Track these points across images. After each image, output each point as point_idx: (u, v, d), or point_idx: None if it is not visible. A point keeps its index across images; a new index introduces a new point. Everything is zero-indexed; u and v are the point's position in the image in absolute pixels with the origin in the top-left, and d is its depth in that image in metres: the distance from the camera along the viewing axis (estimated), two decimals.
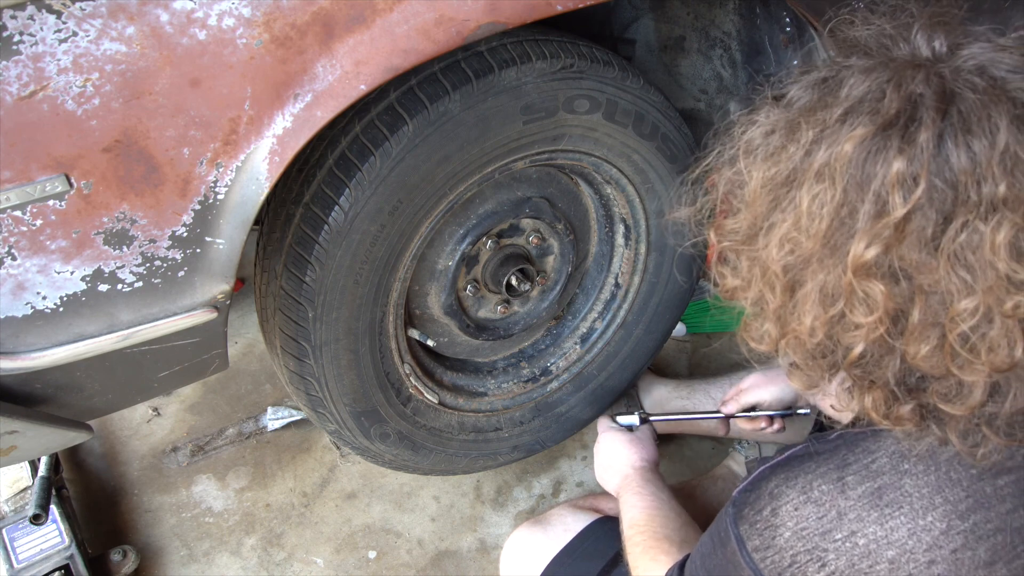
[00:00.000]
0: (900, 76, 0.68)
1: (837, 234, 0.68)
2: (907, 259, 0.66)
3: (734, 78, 1.62)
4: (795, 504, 0.79)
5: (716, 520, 0.92)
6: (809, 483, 0.80)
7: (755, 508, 0.83)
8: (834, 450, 0.81)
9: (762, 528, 0.81)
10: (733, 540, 0.84)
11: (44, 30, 0.85)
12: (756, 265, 0.76)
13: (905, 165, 0.65)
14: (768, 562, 0.80)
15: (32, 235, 0.95)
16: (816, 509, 0.78)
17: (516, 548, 1.35)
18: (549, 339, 1.74)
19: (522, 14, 1.10)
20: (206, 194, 1.02)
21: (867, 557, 0.75)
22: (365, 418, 1.44)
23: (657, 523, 1.17)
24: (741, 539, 0.83)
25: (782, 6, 1.41)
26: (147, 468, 1.93)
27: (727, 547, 0.85)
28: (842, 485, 0.78)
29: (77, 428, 1.19)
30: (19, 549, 1.60)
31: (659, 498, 1.23)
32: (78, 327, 1.05)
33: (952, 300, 0.66)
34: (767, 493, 0.82)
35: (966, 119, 0.65)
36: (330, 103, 1.03)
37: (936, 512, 0.74)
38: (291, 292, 1.25)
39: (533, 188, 1.49)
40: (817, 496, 0.78)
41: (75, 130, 0.91)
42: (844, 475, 0.78)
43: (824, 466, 0.80)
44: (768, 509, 0.81)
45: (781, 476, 0.82)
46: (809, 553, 0.78)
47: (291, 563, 1.73)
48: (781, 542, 0.79)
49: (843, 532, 0.76)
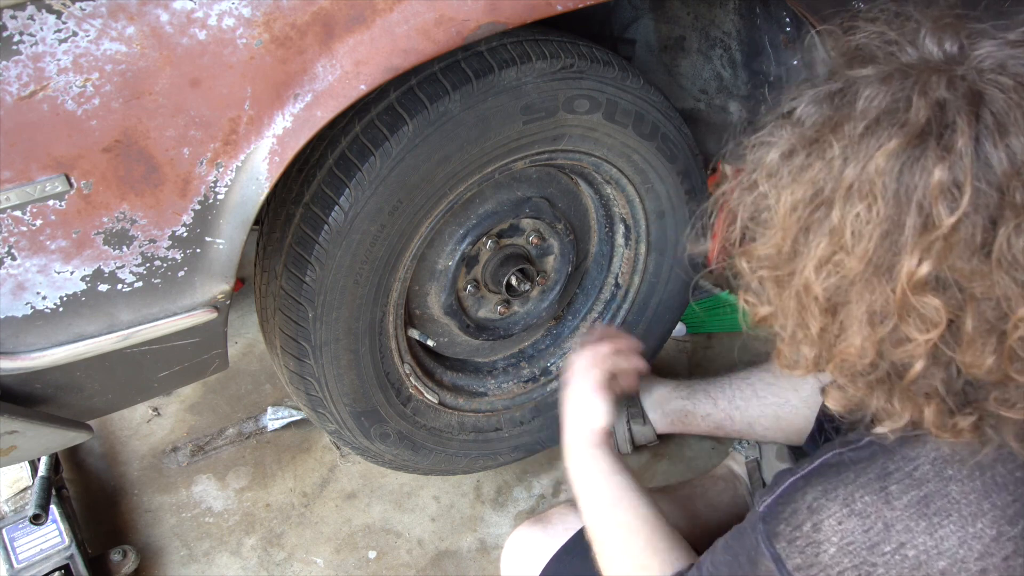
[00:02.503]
0: (922, 82, 0.66)
1: (883, 251, 0.66)
2: (958, 268, 0.65)
3: (734, 78, 1.62)
4: (838, 518, 0.76)
5: (738, 534, 0.87)
6: (851, 494, 0.76)
7: (792, 524, 0.78)
8: (871, 458, 0.77)
9: (803, 545, 0.77)
10: (769, 559, 0.79)
11: (44, 30, 0.85)
12: (789, 290, 0.74)
13: (947, 173, 0.63)
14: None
15: (32, 235, 0.95)
16: (861, 522, 0.75)
17: (516, 547, 1.35)
18: (549, 339, 1.74)
19: (522, 14, 1.10)
20: (206, 194, 1.02)
21: (918, 569, 0.72)
22: (365, 418, 1.44)
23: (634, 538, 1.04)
24: (779, 558, 0.78)
25: (782, 6, 1.41)
26: (147, 468, 1.93)
27: (759, 566, 0.81)
28: (886, 495, 0.74)
29: (77, 428, 1.19)
30: (19, 549, 1.60)
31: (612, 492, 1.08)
32: (78, 327, 1.05)
33: (1010, 305, 0.64)
34: (805, 507, 0.78)
35: (1000, 119, 0.63)
36: (330, 103, 1.03)
37: (985, 519, 0.71)
38: (291, 292, 1.25)
39: (533, 188, 1.49)
40: (861, 508, 0.75)
41: (75, 130, 0.91)
42: (887, 484, 0.75)
43: (864, 476, 0.76)
44: (809, 524, 0.77)
45: (819, 488, 0.78)
46: (857, 569, 0.74)
47: (291, 563, 1.73)
48: (826, 559, 0.76)
49: (892, 544, 0.73)
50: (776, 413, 1.60)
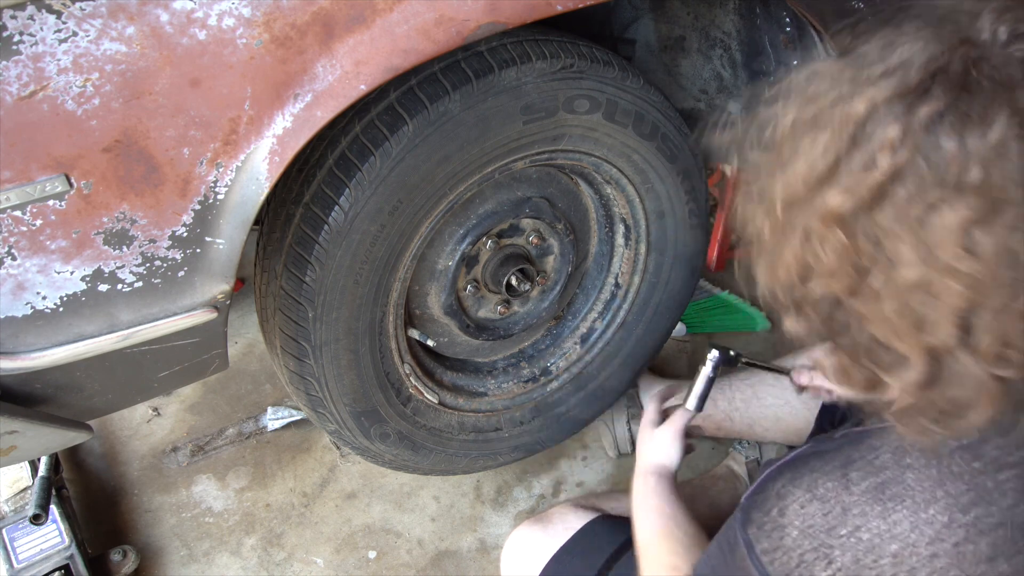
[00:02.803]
0: (943, 50, 0.67)
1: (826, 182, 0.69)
2: (879, 224, 0.67)
3: (734, 78, 1.62)
4: (801, 503, 0.79)
5: (724, 527, 0.92)
6: (814, 481, 0.80)
7: (762, 510, 0.82)
8: (839, 448, 0.81)
9: (770, 529, 0.81)
10: (742, 544, 0.83)
11: (44, 30, 0.85)
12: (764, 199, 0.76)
13: (898, 133, 0.65)
14: (777, 564, 0.80)
15: (32, 235, 0.95)
16: (821, 506, 0.78)
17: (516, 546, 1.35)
18: (549, 339, 1.74)
19: (522, 14, 1.10)
20: (206, 194, 1.02)
21: (871, 552, 0.75)
22: (365, 418, 1.44)
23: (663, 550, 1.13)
24: (750, 543, 0.82)
25: (782, 6, 1.41)
26: (147, 468, 1.93)
27: (736, 552, 0.85)
28: (846, 481, 0.78)
29: (77, 428, 1.19)
30: (19, 549, 1.60)
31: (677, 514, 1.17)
32: (78, 327, 1.05)
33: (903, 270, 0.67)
34: (774, 494, 0.82)
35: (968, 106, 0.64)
36: (330, 103, 1.03)
37: (938, 505, 0.74)
38: (291, 292, 1.25)
39: (533, 188, 1.49)
40: (822, 493, 0.78)
41: (75, 130, 0.91)
42: (848, 471, 0.78)
43: (830, 464, 0.80)
44: (776, 510, 0.81)
45: (787, 476, 0.82)
46: (816, 551, 0.78)
47: (291, 563, 1.73)
48: (789, 542, 0.79)
49: (847, 528, 0.76)
50: (776, 414, 1.60)
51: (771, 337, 2.17)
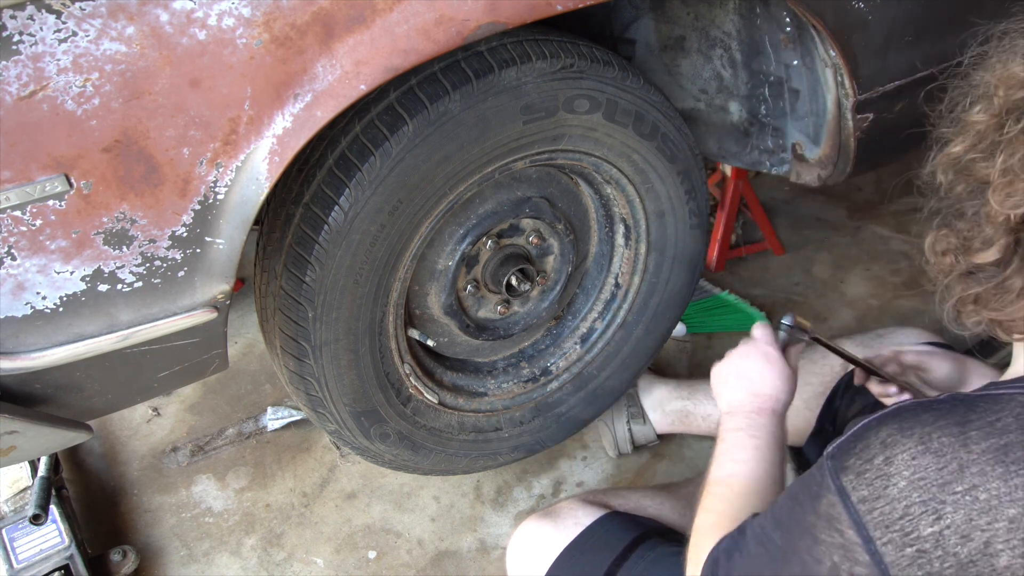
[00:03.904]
0: None
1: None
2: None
3: (734, 78, 1.62)
4: (912, 453, 0.76)
5: (802, 480, 0.87)
6: (928, 434, 0.77)
7: (863, 457, 0.79)
8: (951, 408, 0.79)
9: (872, 478, 0.77)
10: (833, 492, 0.80)
11: (44, 30, 0.85)
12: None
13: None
14: (876, 513, 0.77)
15: (32, 235, 0.95)
16: (936, 460, 0.75)
17: (525, 540, 1.35)
18: (549, 339, 1.74)
19: (522, 14, 1.10)
20: (206, 194, 1.02)
21: (987, 513, 0.73)
22: (365, 418, 1.44)
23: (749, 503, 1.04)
24: (844, 490, 0.79)
25: (782, 6, 1.41)
26: (147, 468, 1.93)
27: (820, 501, 0.81)
28: (965, 439, 0.75)
29: (77, 428, 1.19)
30: (19, 549, 1.60)
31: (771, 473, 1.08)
32: (78, 327, 1.05)
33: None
34: (879, 442, 0.79)
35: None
36: (330, 103, 1.03)
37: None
38: (291, 292, 1.25)
39: (533, 188, 1.49)
40: (937, 447, 0.76)
41: (75, 130, 0.91)
42: (967, 430, 0.76)
43: (944, 419, 0.78)
44: (881, 457, 0.78)
45: (894, 426, 0.79)
46: (924, 504, 0.75)
47: (291, 563, 1.73)
48: (894, 492, 0.76)
49: (964, 485, 0.74)
50: None
51: None
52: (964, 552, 0.73)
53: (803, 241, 2.49)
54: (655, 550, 1.23)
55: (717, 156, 1.80)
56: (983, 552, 0.73)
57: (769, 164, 1.69)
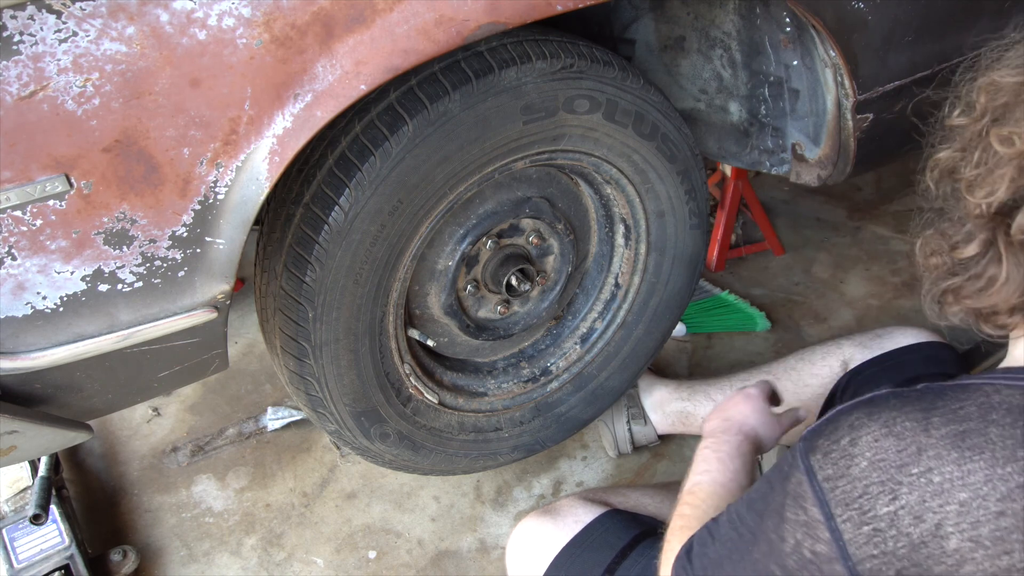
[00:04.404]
0: None
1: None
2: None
3: (734, 78, 1.63)
4: (875, 436, 0.80)
5: (775, 465, 0.91)
6: (892, 419, 0.80)
7: (831, 439, 0.82)
8: (920, 396, 0.82)
9: (837, 457, 0.81)
10: (801, 471, 0.83)
11: (44, 30, 0.85)
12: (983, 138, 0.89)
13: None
14: (838, 491, 0.80)
15: (32, 235, 0.95)
16: (897, 442, 0.78)
17: (524, 537, 1.35)
18: (549, 339, 1.74)
19: (522, 14, 1.11)
20: (206, 194, 1.02)
21: (939, 495, 0.75)
22: (365, 418, 1.44)
23: (712, 505, 1.11)
24: (811, 469, 0.82)
25: (782, 6, 1.41)
26: (147, 468, 1.93)
27: (789, 480, 0.84)
28: (926, 424, 0.78)
29: (77, 428, 1.19)
30: (19, 549, 1.60)
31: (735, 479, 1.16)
32: (78, 327, 1.05)
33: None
34: (847, 425, 0.82)
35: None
36: (330, 103, 1.03)
37: (1016, 465, 0.74)
38: (291, 292, 1.25)
39: (533, 188, 1.49)
40: (899, 431, 0.79)
41: (75, 130, 0.91)
42: (930, 416, 0.79)
43: (909, 406, 0.81)
44: (847, 439, 0.81)
45: (863, 410, 0.83)
46: (882, 484, 0.78)
47: (291, 563, 1.73)
48: (856, 471, 0.79)
49: (920, 467, 0.76)
50: None
51: (771, 337, 2.18)
52: (916, 533, 0.75)
53: (803, 241, 2.49)
54: (654, 548, 1.23)
55: (717, 156, 1.80)
56: (934, 534, 0.75)
57: (769, 164, 1.69)
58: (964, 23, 1.46)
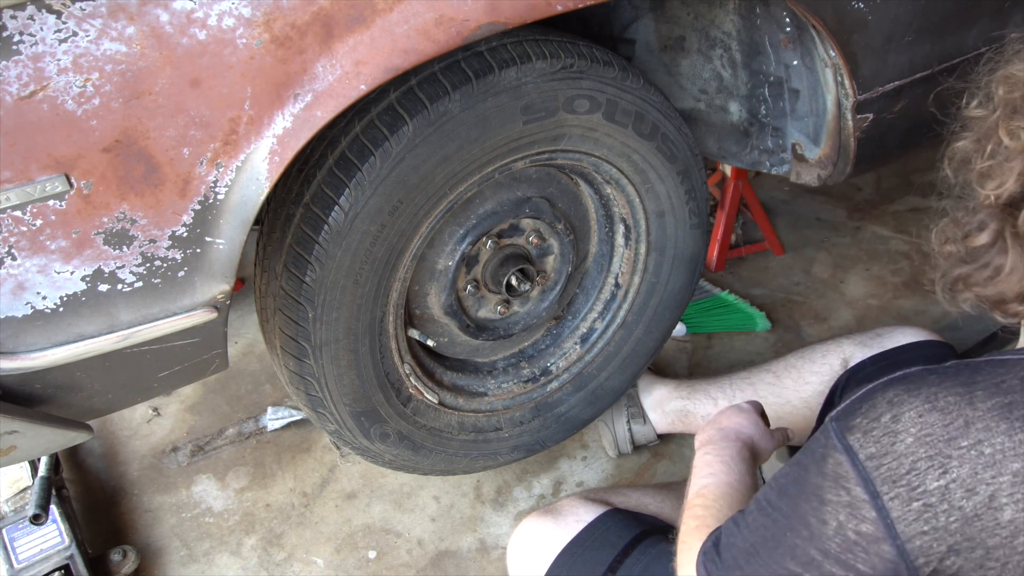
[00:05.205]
0: None
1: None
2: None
3: (734, 78, 1.63)
4: (919, 411, 0.79)
5: (805, 447, 0.89)
6: (934, 393, 0.79)
7: (870, 416, 0.81)
8: (956, 371, 0.82)
9: (879, 435, 0.80)
10: (840, 451, 0.81)
11: (44, 30, 0.85)
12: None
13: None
14: (884, 469, 0.78)
15: (32, 235, 0.95)
16: (942, 417, 0.78)
17: (525, 537, 1.35)
18: (549, 339, 1.74)
19: (522, 14, 1.11)
20: (206, 194, 1.02)
21: (992, 467, 0.75)
22: (365, 418, 1.44)
23: (725, 504, 1.10)
24: (851, 449, 0.81)
25: (782, 6, 1.41)
26: (147, 468, 1.93)
27: (827, 462, 0.83)
28: (971, 397, 0.78)
29: (77, 428, 1.19)
30: (19, 549, 1.60)
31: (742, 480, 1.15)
32: (78, 327, 1.05)
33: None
34: (885, 402, 0.81)
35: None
36: (330, 103, 1.04)
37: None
38: (291, 292, 1.25)
39: (533, 188, 1.49)
40: (943, 405, 0.78)
41: (75, 130, 0.91)
42: (972, 390, 0.79)
43: (949, 381, 0.80)
44: (888, 416, 0.80)
45: (900, 387, 0.82)
46: (931, 459, 0.77)
47: (291, 563, 1.73)
48: (902, 448, 0.78)
49: (969, 440, 0.76)
50: (777, 414, 1.60)
51: (771, 337, 2.18)
52: (969, 506, 0.75)
53: (803, 241, 2.49)
54: (656, 547, 1.23)
55: (717, 156, 1.80)
56: (988, 506, 0.74)
57: (769, 164, 1.69)
58: (964, 23, 1.46)
